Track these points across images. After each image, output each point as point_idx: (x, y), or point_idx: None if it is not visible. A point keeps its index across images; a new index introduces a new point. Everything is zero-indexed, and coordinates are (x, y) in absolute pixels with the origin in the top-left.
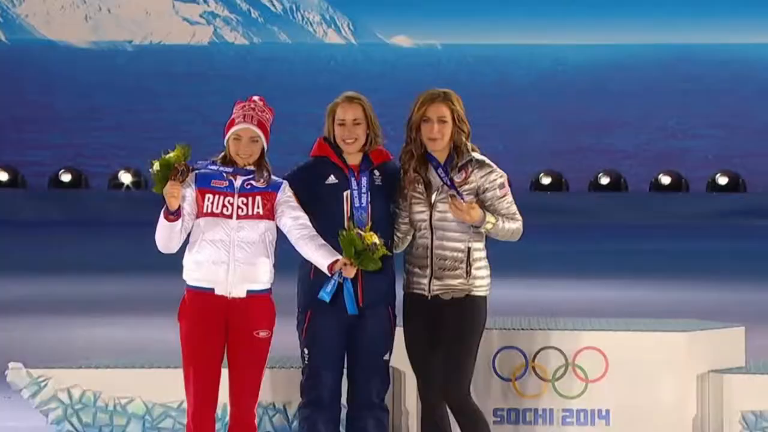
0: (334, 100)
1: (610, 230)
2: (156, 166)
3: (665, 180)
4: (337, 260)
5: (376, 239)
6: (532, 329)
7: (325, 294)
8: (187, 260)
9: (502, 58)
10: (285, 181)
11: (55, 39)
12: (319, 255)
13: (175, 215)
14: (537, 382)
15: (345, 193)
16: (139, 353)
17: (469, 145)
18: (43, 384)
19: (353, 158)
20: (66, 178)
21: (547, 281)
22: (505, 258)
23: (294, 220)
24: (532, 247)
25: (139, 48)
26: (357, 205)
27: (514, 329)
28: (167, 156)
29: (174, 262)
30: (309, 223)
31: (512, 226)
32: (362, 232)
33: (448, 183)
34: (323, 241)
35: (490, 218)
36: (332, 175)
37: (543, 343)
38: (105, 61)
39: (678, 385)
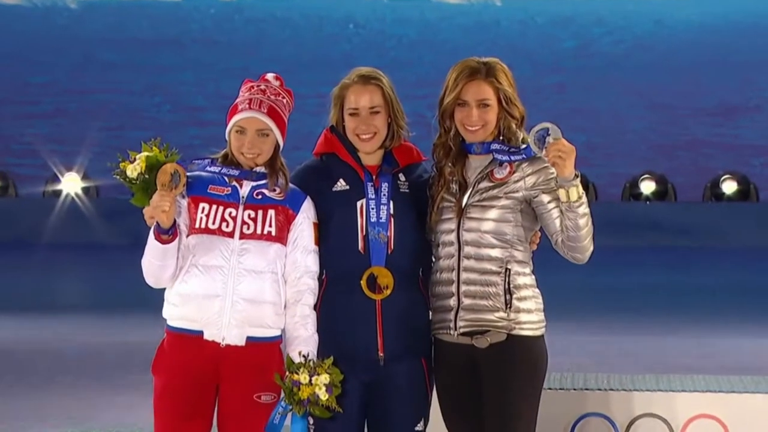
0: (341, 81)
1: (735, 255)
2: (133, 169)
3: None
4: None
5: (320, 391)
6: (624, 390)
7: (272, 426)
8: (170, 292)
9: (584, 18)
10: (308, 198)
11: None
12: (290, 349)
13: (169, 234)
14: None
15: (359, 204)
16: (89, 422)
17: (521, 134)
18: None
19: (371, 157)
20: None
21: (643, 324)
22: (585, 293)
23: (297, 277)
24: (624, 277)
25: (86, 5)
26: (374, 219)
27: (600, 390)
28: (152, 155)
29: (145, 299)
30: (313, 287)
31: (589, 223)
32: (301, 380)
33: (506, 156)
34: (310, 331)
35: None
36: (342, 180)
37: (641, 408)
38: (40, 23)
39: None
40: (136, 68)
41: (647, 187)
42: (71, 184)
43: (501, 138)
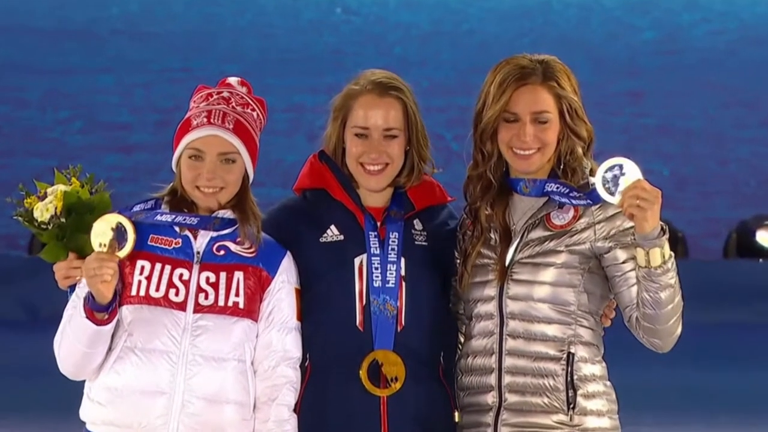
0: (347, 87)
1: None
2: (44, 208)
3: None
4: None
5: None
6: None
7: None
8: (93, 386)
9: (661, 3)
10: (288, 255)
11: None
12: None
13: (108, 312)
14: None
15: (357, 261)
16: None
17: (588, 163)
18: None
19: (375, 197)
20: None
21: None
22: (669, 389)
23: (272, 366)
24: (728, 368)
25: None
26: (378, 283)
27: None
28: (70, 189)
29: (51, 393)
30: (294, 379)
31: (675, 298)
32: None
33: (565, 199)
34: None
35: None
36: (334, 227)
37: None
38: None
39: None
40: (31, 69)
41: (763, 238)
42: None
43: (561, 167)
